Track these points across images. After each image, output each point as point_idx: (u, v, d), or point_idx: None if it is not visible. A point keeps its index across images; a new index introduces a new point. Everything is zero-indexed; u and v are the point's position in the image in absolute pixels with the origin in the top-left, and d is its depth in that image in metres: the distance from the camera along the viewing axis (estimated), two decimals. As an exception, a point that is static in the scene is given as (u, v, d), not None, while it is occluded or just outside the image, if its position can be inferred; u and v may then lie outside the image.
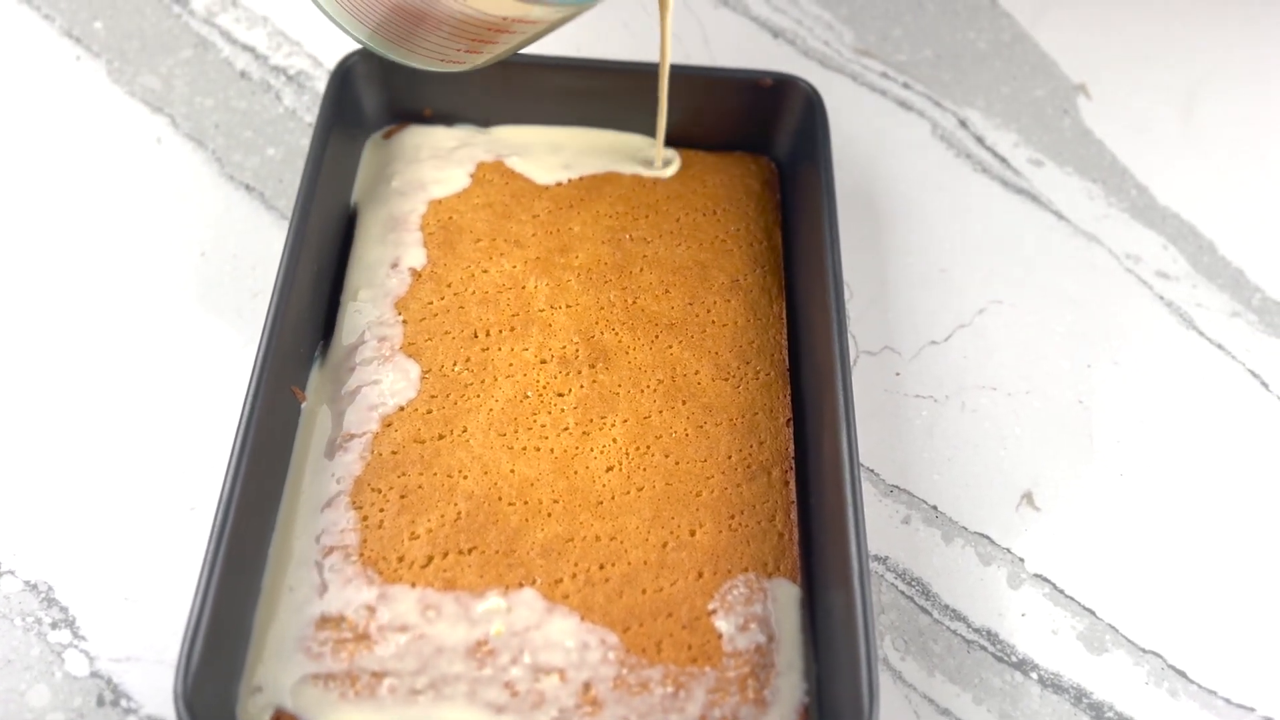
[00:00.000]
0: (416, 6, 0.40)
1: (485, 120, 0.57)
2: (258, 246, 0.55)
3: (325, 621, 0.42)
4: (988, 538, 0.48)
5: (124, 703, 0.43)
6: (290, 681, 0.41)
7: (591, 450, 0.46)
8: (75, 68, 0.61)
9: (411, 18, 0.41)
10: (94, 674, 0.44)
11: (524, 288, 0.51)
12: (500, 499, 0.45)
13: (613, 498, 0.45)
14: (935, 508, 0.49)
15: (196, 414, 0.50)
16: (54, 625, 0.45)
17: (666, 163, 0.56)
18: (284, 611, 0.43)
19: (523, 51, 0.46)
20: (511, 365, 0.48)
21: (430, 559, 0.44)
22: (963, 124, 0.62)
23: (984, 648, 0.46)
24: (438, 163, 0.55)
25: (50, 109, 0.60)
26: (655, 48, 0.63)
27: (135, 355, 0.51)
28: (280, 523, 0.45)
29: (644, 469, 0.46)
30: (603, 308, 0.50)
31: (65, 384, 0.50)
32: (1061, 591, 0.47)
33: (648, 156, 0.56)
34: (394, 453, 0.46)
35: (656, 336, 0.50)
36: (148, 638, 0.44)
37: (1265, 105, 0.64)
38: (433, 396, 0.47)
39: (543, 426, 0.47)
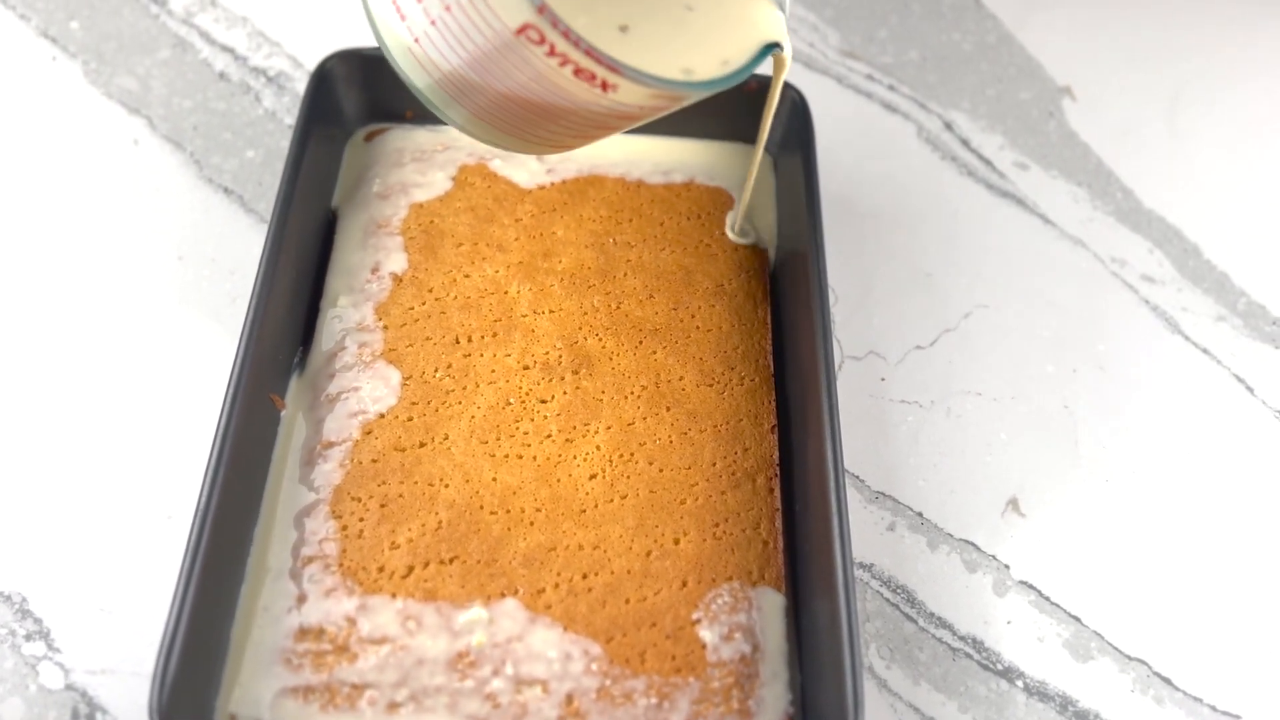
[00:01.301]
0: (552, 103, 0.38)
1: (467, 123, 0.57)
2: (236, 250, 0.54)
3: (304, 633, 0.42)
4: (973, 544, 0.48)
5: (99, 716, 0.42)
6: (269, 694, 0.41)
7: (574, 458, 0.46)
8: (51, 68, 0.60)
9: (539, 112, 0.39)
10: (69, 687, 0.43)
11: (506, 293, 0.50)
12: (482, 508, 0.44)
13: (596, 506, 0.45)
14: (920, 514, 0.49)
15: (173, 421, 0.49)
16: (28, 637, 0.44)
17: (744, 234, 0.54)
18: (262, 623, 0.42)
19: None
20: (494, 371, 0.48)
21: (411, 569, 0.43)
22: (948, 126, 0.62)
23: (970, 655, 0.45)
24: (419, 166, 0.54)
25: (26, 110, 0.59)
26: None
27: (111, 360, 0.51)
28: (259, 532, 0.44)
29: (627, 476, 0.46)
30: (586, 313, 0.50)
31: (39, 390, 0.50)
32: (1047, 598, 0.47)
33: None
34: (374, 461, 0.45)
35: (640, 342, 0.49)
36: (124, 650, 0.44)
37: (1250, 109, 0.64)
38: (414, 403, 0.47)
39: (525, 434, 0.46)
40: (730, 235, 0.53)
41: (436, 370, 0.48)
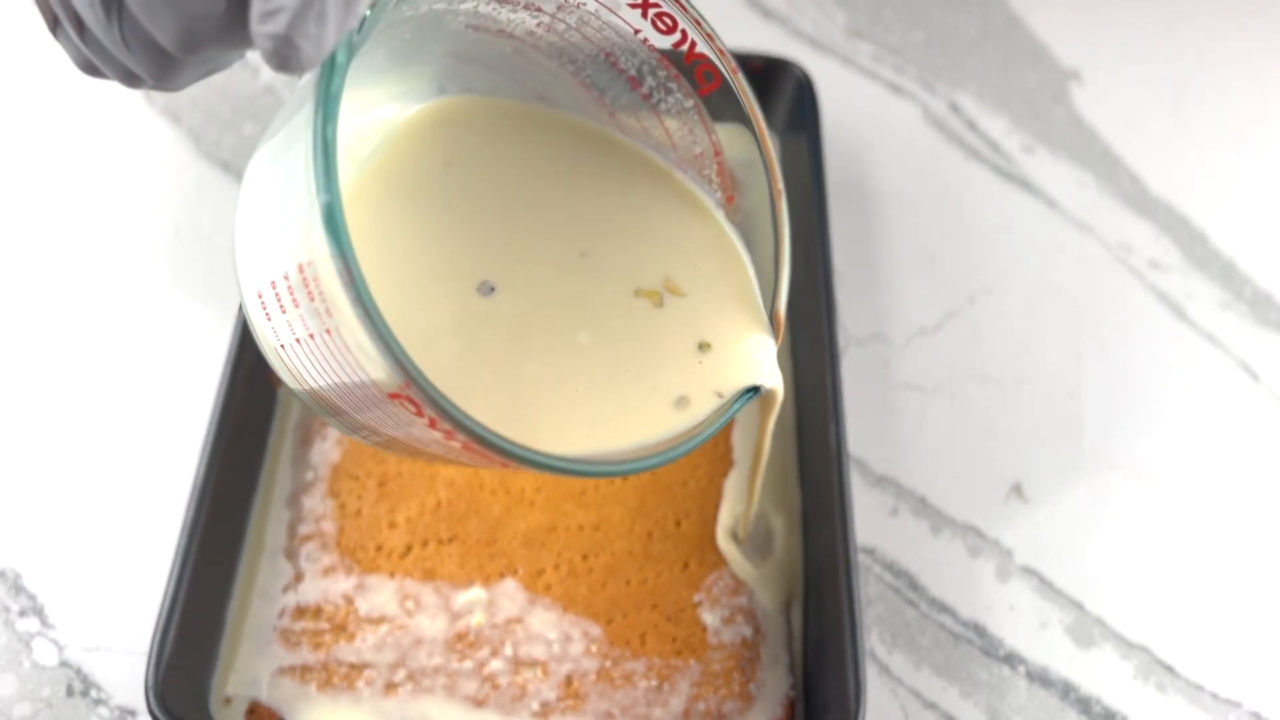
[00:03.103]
0: (440, 455, 0.31)
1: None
2: (233, 226, 0.53)
3: (302, 612, 0.41)
4: (976, 529, 0.48)
5: (94, 693, 0.42)
6: (266, 673, 0.40)
7: (575, 438, 0.45)
8: (47, 40, 0.59)
9: (425, 455, 0.32)
10: (63, 663, 0.43)
11: (508, 271, 0.50)
12: (482, 487, 0.44)
13: (596, 487, 0.44)
14: (924, 499, 0.48)
15: (170, 398, 0.48)
16: (22, 613, 0.43)
17: (757, 547, 0.44)
18: (259, 601, 0.42)
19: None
20: (494, 351, 0.47)
21: (409, 548, 0.43)
22: (954, 109, 0.61)
23: (971, 641, 0.45)
24: (420, 142, 0.54)
25: (20, 84, 0.58)
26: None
27: (106, 338, 0.50)
28: (255, 511, 0.44)
29: (629, 458, 0.45)
30: (588, 293, 0.49)
31: (33, 367, 0.49)
32: (1050, 584, 0.47)
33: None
34: (373, 439, 0.45)
35: (643, 322, 0.49)
36: (118, 627, 0.43)
37: (1257, 95, 0.64)
38: (413, 382, 0.46)
39: (526, 414, 0.46)
40: (725, 547, 0.43)
41: (436, 349, 0.47)
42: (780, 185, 0.36)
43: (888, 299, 0.54)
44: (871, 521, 0.48)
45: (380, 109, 0.36)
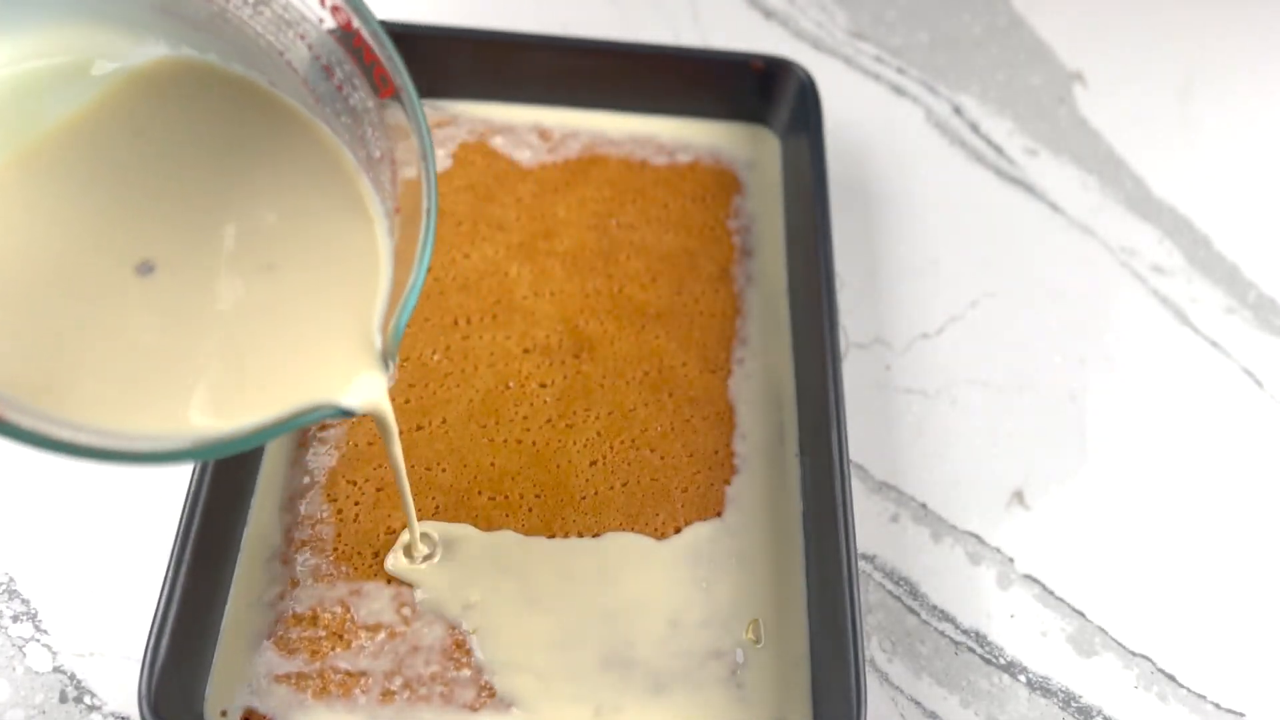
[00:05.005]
0: None
1: (468, 98, 0.55)
2: None
3: (298, 619, 0.41)
4: (977, 537, 0.47)
5: (87, 699, 0.42)
6: (261, 680, 0.40)
7: (573, 443, 0.45)
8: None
9: None
10: (56, 669, 0.42)
11: (506, 274, 0.49)
12: (480, 493, 0.44)
13: (595, 493, 0.44)
14: (924, 505, 0.48)
15: (166, 400, 0.48)
16: (15, 619, 0.43)
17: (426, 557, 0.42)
18: (254, 608, 0.41)
19: (508, 29, 0.44)
20: (492, 354, 0.47)
21: (406, 554, 0.42)
22: (957, 111, 0.61)
23: (972, 649, 0.45)
24: (418, 143, 0.53)
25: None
26: (641, 27, 0.61)
27: (102, 338, 0.50)
28: (251, 516, 0.43)
29: (627, 464, 0.45)
30: (587, 296, 0.49)
31: (29, 367, 0.49)
32: (1051, 593, 0.46)
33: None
34: (370, 444, 0.44)
35: (642, 327, 0.48)
36: (112, 633, 0.43)
37: (1264, 97, 0.63)
38: (410, 385, 0.46)
39: (524, 419, 0.45)
40: (392, 566, 0.42)
41: (434, 352, 0.47)
42: (431, 204, 0.33)
43: (889, 302, 0.54)
44: (872, 528, 0.47)
45: (71, 57, 0.33)
